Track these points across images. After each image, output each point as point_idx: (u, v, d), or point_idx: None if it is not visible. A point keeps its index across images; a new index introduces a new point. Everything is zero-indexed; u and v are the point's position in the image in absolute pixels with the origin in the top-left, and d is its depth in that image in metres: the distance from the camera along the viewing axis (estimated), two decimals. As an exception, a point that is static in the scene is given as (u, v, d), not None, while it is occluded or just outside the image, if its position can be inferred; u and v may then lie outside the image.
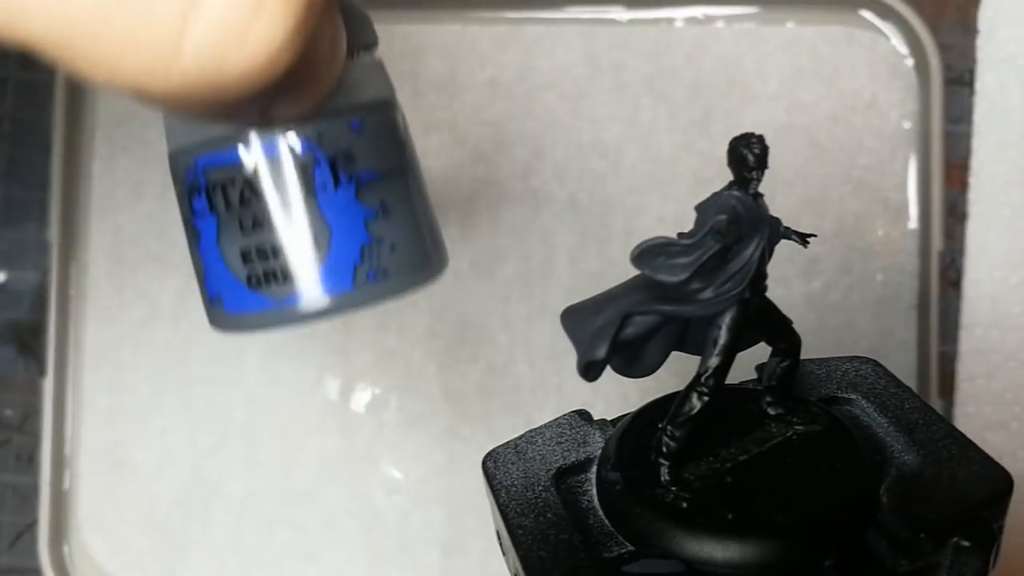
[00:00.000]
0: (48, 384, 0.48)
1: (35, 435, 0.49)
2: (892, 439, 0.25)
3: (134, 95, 0.18)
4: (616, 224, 0.47)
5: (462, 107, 0.48)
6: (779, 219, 0.24)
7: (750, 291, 0.23)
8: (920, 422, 0.25)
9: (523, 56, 0.48)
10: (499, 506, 0.25)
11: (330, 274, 0.23)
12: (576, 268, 0.47)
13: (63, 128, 0.48)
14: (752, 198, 0.22)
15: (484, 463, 0.26)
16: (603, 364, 0.23)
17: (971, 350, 0.46)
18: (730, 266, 0.22)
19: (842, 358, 0.29)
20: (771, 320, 0.24)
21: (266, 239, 0.23)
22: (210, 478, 0.48)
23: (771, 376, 0.25)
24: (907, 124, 0.46)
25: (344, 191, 0.23)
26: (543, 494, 0.25)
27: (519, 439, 0.27)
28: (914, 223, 0.46)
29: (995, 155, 0.46)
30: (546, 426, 0.27)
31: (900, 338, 0.46)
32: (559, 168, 0.47)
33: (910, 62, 0.47)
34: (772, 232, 0.23)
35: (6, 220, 0.50)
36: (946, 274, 0.46)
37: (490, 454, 0.27)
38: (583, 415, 0.27)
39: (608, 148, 0.47)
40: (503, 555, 0.26)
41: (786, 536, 0.22)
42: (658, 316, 0.23)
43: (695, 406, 0.24)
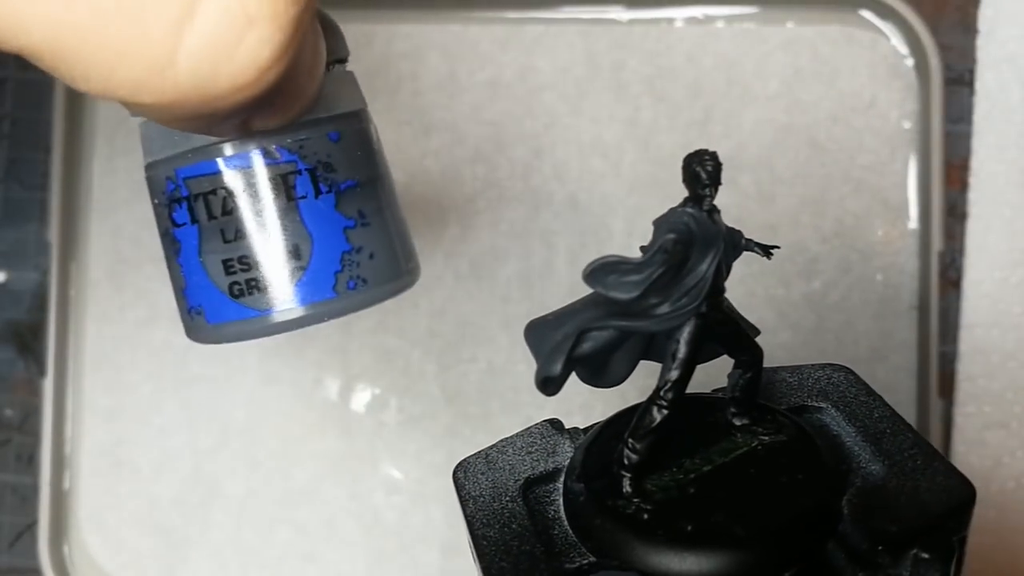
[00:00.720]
0: (48, 384, 0.48)
1: (35, 435, 0.49)
2: (860, 449, 0.25)
3: (127, 103, 0.18)
4: (616, 224, 0.47)
5: (462, 107, 0.48)
6: (740, 232, 0.24)
7: (706, 305, 0.23)
8: (888, 431, 0.25)
9: (523, 56, 0.48)
10: (466, 517, 0.25)
11: (312, 282, 0.23)
12: (576, 268, 0.47)
13: (63, 128, 0.48)
14: (707, 214, 0.23)
15: (455, 473, 0.27)
16: (561, 379, 0.23)
17: (971, 350, 0.46)
18: (686, 281, 0.23)
19: (815, 366, 0.28)
20: (731, 333, 0.24)
21: (249, 249, 0.23)
22: (210, 478, 0.48)
23: (734, 388, 0.25)
24: (907, 124, 0.46)
25: (324, 200, 0.23)
26: (510, 504, 0.25)
27: (490, 448, 0.27)
28: (914, 223, 0.46)
29: (995, 155, 0.46)
30: (518, 435, 0.27)
31: (900, 338, 0.46)
32: (559, 168, 0.47)
33: (910, 62, 0.47)
34: (731, 246, 0.23)
35: (6, 220, 0.50)
36: (946, 274, 0.46)
37: (460, 464, 0.27)
38: (555, 424, 0.27)
39: (608, 148, 0.47)
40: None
41: (744, 548, 0.22)
42: (616, 331, 0.23)
43: (655, 419, 0.24)
